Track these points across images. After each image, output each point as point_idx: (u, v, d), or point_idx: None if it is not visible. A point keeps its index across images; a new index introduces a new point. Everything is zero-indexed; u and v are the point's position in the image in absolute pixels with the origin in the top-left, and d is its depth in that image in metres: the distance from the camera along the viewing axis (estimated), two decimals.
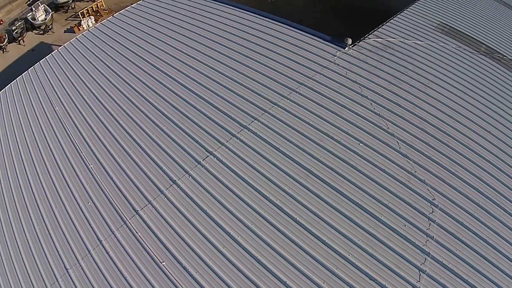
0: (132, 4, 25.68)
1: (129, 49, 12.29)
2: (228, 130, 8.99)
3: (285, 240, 7.41)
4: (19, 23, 25.11)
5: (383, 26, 11.35)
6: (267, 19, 11.80)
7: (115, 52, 12.51)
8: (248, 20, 11.91)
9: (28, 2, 28.28)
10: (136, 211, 8.23)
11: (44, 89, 12.44)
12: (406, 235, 7.59)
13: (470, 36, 12.03)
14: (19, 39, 24.74)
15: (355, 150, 8.45)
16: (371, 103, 9.25)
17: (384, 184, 8.13)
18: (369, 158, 8.39)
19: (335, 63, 10.01)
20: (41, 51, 23.41)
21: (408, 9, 12.31)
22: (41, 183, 9.65)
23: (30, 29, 25.87)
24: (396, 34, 11.20)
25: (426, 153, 8.64)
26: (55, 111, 11.23)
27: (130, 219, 8.17)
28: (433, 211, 7.98)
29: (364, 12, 20.80)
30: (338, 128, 8.76)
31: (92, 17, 23.93)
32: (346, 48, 10.36)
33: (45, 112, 11.43)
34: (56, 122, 10.86)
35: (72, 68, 12.82)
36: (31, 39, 25.10)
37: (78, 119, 10.67)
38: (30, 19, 25.30)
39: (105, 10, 24.45)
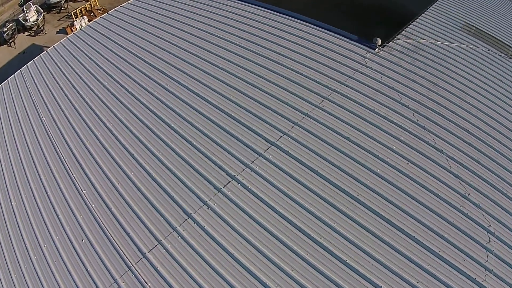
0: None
1: (128, 50, 9.80)
2: (253, 149, 6.75)
3: None
4: (10, 24, 21.93)
5: (410, 26, 9.28)
6: (285, 16, 9.53)
7: (110, 53, 10.00)
8: (263, 16, 9.57)
9: (20, 3, 24.97)
10: (143, 254, 5.95)
11: (31, 97, 9.85)
12: (466, 271, 5.62)
13: (496, 39, 10.10)
14: (10, 41, 21.62)
15: (404, 171, 6.36)
16: (413, 114, 7.19)
17: (439, 211, 6.08)
18: (420, 180, 6.31)
19: (367, 66, 7.87)
20: (32, 53, 20.38)
21: (431, 8, 10.28)
22: (27, 214, 7.18)
23: (21, 30, 22.72)
24: (424, 35, 9.14)
25: (477, 171, 6.65)
26: (42, 123, 8.74)
27: (136, 263, 5.90)
28: (489, 240, 6.03)
29: (370, 10, 18.78)
30: (382, 144, 6.63)
31: (85, 17, 20.96)
32: (376, 49, 8.27)
33: (31, 125, 8.88)
34: (43, 137, 8.36)
35: (62, 72, 10.25)
36: (22, 41, 21.96)
37: (68, 132, 8.19)
38: (22, 20, 22.14)
39: (99, 10, 21.51)
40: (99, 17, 12.17)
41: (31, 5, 22.52)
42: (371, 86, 7.44)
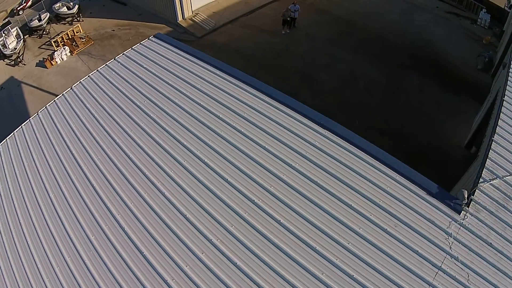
0: (113, 29, 18.79)
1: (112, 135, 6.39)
2: None
3: None
4: None
5: (490, 158, 5.79)
6: (320, 134, 5.93)
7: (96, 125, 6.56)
8: (284, 124, 6.08)
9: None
10: None
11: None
12: None
13: None
14: None
15: None
16: None
17: None
18: None
19: (451, 256, 4.48)
20: (10, 89, 16.44)
21: (502, 117, 6.63)
22: None
23: (1, 57, 18.54)
24: (506, 160, 5.74)
25: None
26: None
27: None
28: None
29: (396, 47, 14.73)
30: None
31: (66, 47, 16.79)
32: (462, 212, 4.87)
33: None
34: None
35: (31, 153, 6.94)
36: (1, 72, 17.89)
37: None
38: (0, 46, 17.92)
39: (83, 38, 17.20)
40: (87, 77, 8.28)
41: (10, 29, 18.22)
42: None
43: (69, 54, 16.77)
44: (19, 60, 17.58)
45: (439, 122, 12.07)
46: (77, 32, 17.55)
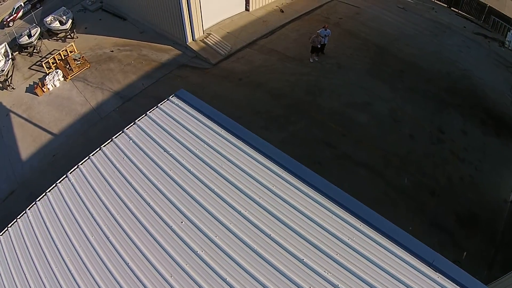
0: (112, 49, 16.14)
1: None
2: None
3: None
4: None
5: None
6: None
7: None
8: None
9: None
10: None
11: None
12: None
13: None
14: None
15: None
16: None
17: None
18: None
19: None
20: None
21: None
22: None
23: None
24: None
25: None
26: None
27: None
28: None
29: (434, 80, 12.57)
30: None
31: (59, 71, 14.21)
32: None
33: None
34: None
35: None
36: None
37: None
38: None
39: (77, 60, 14.57)
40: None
41: None
42: None
43: (62, 79, 14.18)
44: (7, 83, 14.91)
45: (485, 172, 10.37)
46: (70, 52, 14.92)
